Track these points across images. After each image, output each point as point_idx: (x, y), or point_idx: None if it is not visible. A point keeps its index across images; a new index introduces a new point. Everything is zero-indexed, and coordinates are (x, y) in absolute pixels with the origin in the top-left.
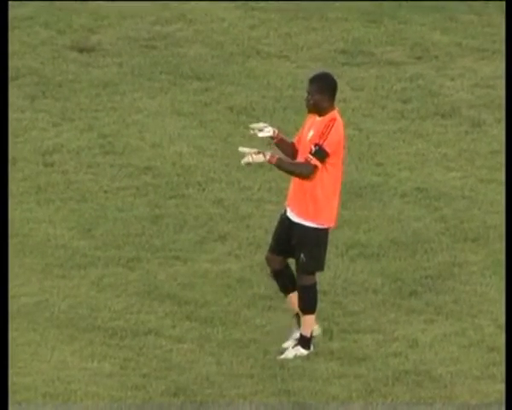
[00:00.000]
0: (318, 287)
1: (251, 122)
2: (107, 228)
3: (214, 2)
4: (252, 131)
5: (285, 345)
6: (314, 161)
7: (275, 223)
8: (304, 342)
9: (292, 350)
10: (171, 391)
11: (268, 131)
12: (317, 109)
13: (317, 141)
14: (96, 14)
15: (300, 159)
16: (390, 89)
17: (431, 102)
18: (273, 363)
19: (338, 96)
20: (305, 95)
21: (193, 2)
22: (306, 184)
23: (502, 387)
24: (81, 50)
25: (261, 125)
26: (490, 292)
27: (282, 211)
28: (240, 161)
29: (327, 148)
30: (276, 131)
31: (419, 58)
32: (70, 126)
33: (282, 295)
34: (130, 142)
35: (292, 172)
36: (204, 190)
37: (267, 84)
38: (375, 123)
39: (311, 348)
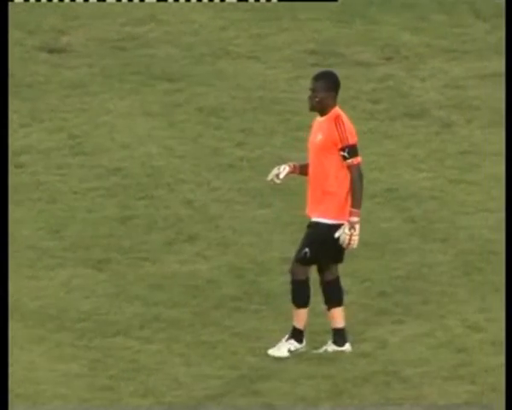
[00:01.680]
0: (289, 288)
1: (221, 123)
2: (77, 229)
3: (185, 2)
4: (272, 183)
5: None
6: (355, 160)
7: (244, 223)
8: (296, 334)
9: (284, 341)
10: (140, 392)
11: (284, 170)
12: (321, 107)
13: (341, 145)
14: (67, 14)
15: (334, 172)
16: (360, 89)
17: (401, 102)
18: (242, 364)
19: (307, 96)
20: (309, 93)
21: (163, 3)
22: (326, 185)
23: (470, 388)
24: (51, 51)
25: (275, 171)
26: (459, 293)
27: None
28: (210, 162)
29: (352, 141)
30: (292, 164)
31: (389, 59)
32: (40, 127)
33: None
34: (99, 143)
35: (362, 188)
36: (173, 190)
37: (237, 85)
38: None
39: (304, 342)
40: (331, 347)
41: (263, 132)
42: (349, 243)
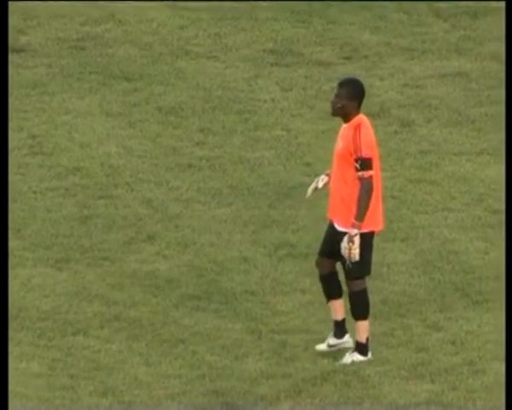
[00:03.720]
0: (249, 287)
1: (180, 123)
2: (36, 228)
3: (143, 2)
4: (314, 192)
5: (319, 347)
6: (366, 173)
7: (204, 223)
8: (361, 348)
9: (349, 356)
10: (100, 392)
11: (323, 180)
12: (343, 114)
13: (355, 156)
14: (26, 14)
15: (349, 184)
16: (319, 89)
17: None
18: (201, 363)
19: (266, 96)
20: (332, 97)
21: (122, 3)
22: (344, 192)
23: (430, 387)
24: (10, 51)
25: (313, 185)
26: (418, 292)
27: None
28: (169, 161)
29: (366, 155)
30: (328, 172)
31: (348, 58)
32: None
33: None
34: (59, 142)
35: (368, 203)
36: (132, 190)
37: (196, 84)
38: (304, 123)
39: (369, 354)
40: (333, 340)
41: (222, 132)
42: (349, 256)
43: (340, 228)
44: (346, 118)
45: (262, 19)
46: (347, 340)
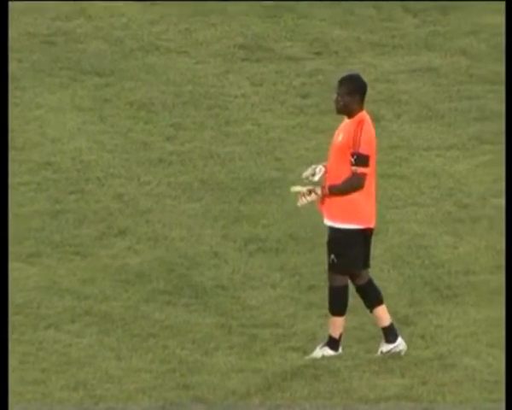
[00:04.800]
0: (219, 282)
1: (150, 118)
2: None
3: None
4: (307, 181)
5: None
6: (360, 169)
7: (174, 217)
8: (332, 343)
9: (319, 350)
10: (71, 386)
11: (320, 171)
12: (346, 111)
13: (352, 150)
14: None
15: (338, 172)
16: (289, 84)
17: (330, 97)
18: (172, 357)
19: (237, 91)
20: (335, 96)
21: None
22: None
23: (400, 381)
24: None
25: (310, 171)
26: (389, 286)
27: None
28: (140, 156)
29: (364, 151)
30: (325, 164)
31: (318, 53)
32: None
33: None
34: (30, 137)
35: (347, 191)
36: (103, 185)
37: (167, 79)
38: (275, 118)
39: (340, 349)
40: (386, 347)
41: (192, 127)
42: (299, 199)
43: (327, 222)
44: (351, 114)
45: (232, 14)
46: (400, 342)
